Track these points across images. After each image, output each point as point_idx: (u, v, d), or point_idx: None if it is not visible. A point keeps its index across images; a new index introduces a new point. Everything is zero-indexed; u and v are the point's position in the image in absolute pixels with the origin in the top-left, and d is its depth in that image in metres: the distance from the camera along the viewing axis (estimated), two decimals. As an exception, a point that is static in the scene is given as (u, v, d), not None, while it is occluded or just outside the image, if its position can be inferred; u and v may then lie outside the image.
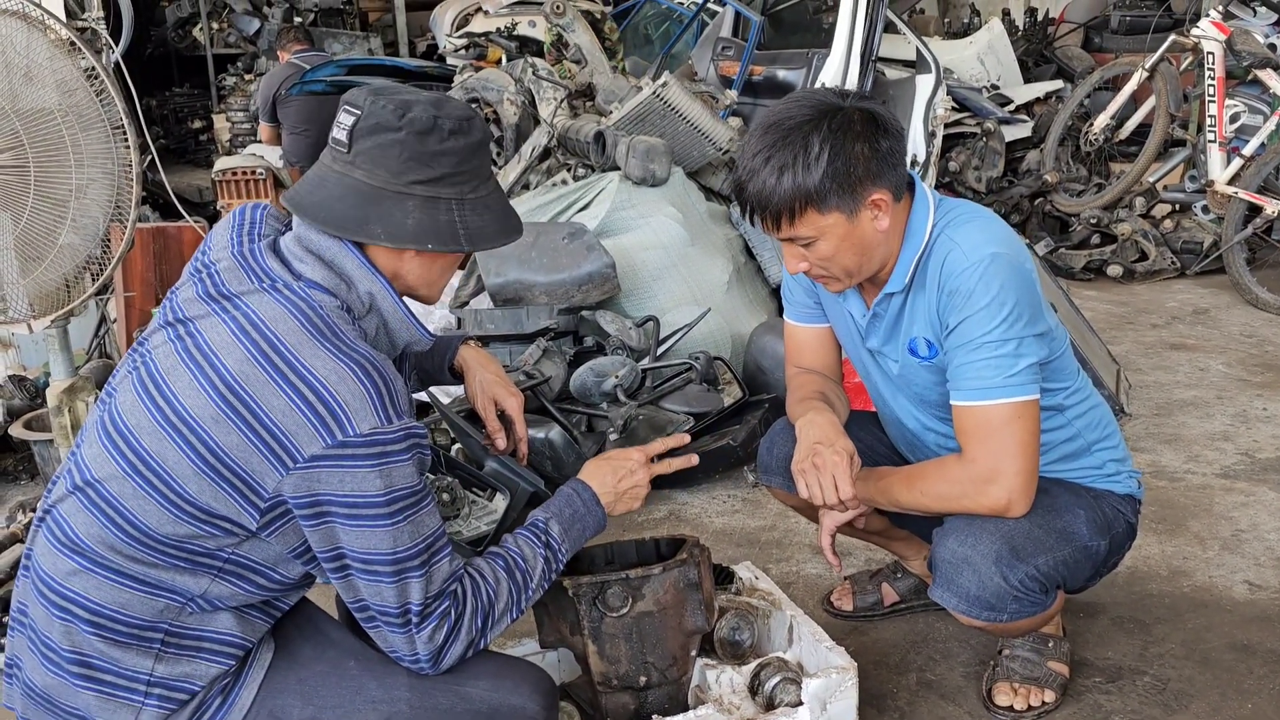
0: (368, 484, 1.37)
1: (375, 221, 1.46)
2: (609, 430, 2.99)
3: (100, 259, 2.89)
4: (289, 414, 1.35)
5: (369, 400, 1.37)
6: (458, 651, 1.48)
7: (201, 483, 1.39)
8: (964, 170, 6.07)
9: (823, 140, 1.69)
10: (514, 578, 1.55)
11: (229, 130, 8.50)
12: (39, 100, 2.69)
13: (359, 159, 1.48)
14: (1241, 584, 2.51)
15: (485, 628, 1.50)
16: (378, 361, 1.41)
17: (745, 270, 3.98)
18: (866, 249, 1.79)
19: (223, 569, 1.45)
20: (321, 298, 1.45)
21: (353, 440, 1.35)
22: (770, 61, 5.47)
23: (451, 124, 1.49)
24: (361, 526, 1.38)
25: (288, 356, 1.38)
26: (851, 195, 1.72)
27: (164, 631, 1.45)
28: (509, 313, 3.34)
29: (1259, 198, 4.99)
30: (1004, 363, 1.75)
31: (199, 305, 1.47)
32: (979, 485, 1.78)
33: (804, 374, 2.12)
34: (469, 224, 1.51)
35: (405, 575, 1.41)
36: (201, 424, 1.38)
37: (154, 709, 1.45)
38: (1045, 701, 2.05)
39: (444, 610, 1.45)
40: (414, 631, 1.44)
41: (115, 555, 1.43)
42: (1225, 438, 3.40)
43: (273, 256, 1.50)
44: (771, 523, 2.91)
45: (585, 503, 1.69)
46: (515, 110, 4.64)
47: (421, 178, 1.47)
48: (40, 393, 3.47)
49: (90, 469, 1.45)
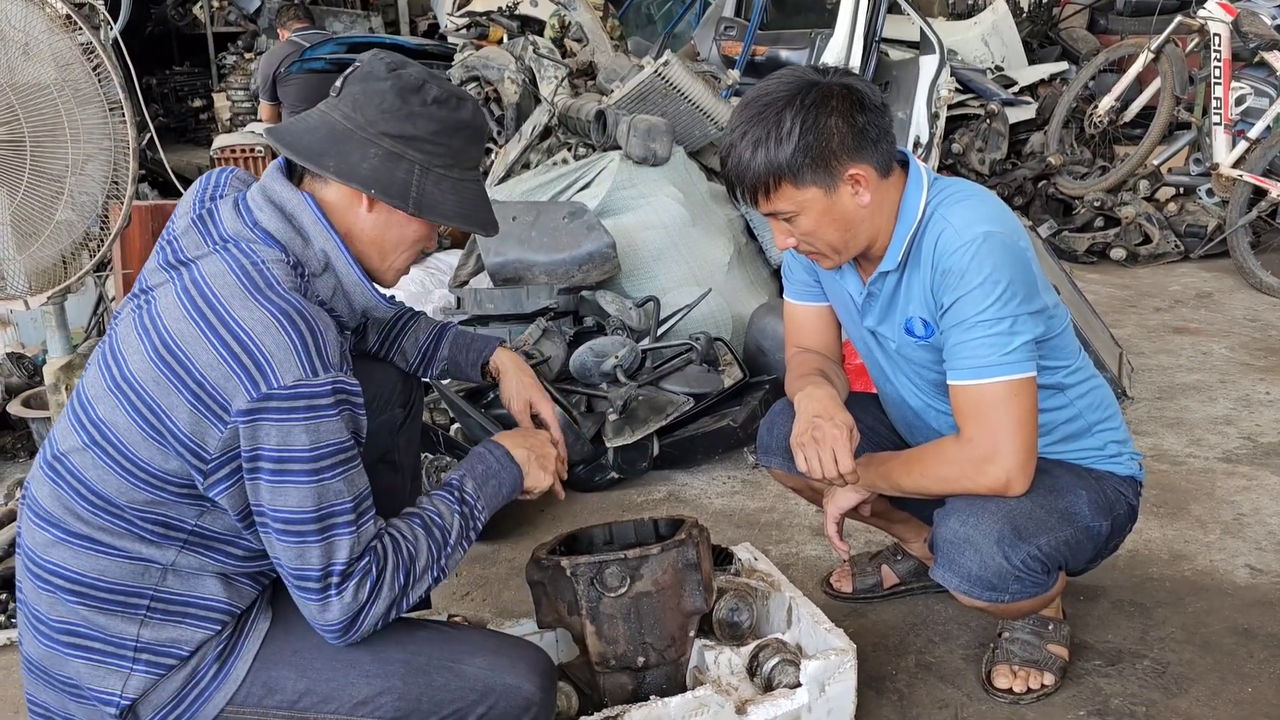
0: (294, 439, 1.34)
1: (332, 156, 1.46)
2: (608, 410, 2.98)
3: (99, 236, 2.88)
4: (216, 366, 1.34)
5: (294, 351, 1.34)
6: (379, 611, 1.44)
7: (151, 447, 1.39)
8: (967, 152, 6.04)
9: (794, 115, 1.70)
10: (432, 535, 1.51)
11: (229, 109, 8.46)
12: (36, 75, 2.67)
13: (343, 101, 1.50)
14: (1243, 568, 2.50)
15: (407, 585, 1.46)
16: (307, 311, 1.39)
17: (746, 251, 3.96)
18: (849, 224, 1.79)
19: (188, 541, 1.46)
20: (266, 251, 1.44)
21: (277, 393, 1.33)
22: (773, 41, 5.45)
23: (439, 93, 1.49)
24: (284, 483, 1.36)
25: (218, 309, 1.37)
26: (827, 169, 1.72)
27: (149, 597, 1.46)
28: (508, 292, 3.32)
29: (1264, 181, 4.97)
30: (999, 341, 1.74)
31: (159, 274, 1.48)
32: (978, 465, 1.77)
33: (803, 353, 2.10)
34: (425, 193, 1.49)
35: (331, 534, 1.38)
36: (144, 386, 1.38)
37: (142, 674, 1.46)
38: (1045, 684, 2.04)
39: (365, 567, 1.42)
40: (331, 595, 1.40)
41: (83, 525, 1.44)
42: (1227, 421, 3.39)
43: (231, 212, 1.49)
44: (771, 504, 2.90)
45: (498, 459, 1.65)
46: (516, 89, 4.61)
47: (392, 131, 1.47)
48: (38, 370, 3.46)
49: (58, 443, 1.48)
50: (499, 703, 1.52)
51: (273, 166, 1.53)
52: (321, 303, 1.50)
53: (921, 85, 5.15)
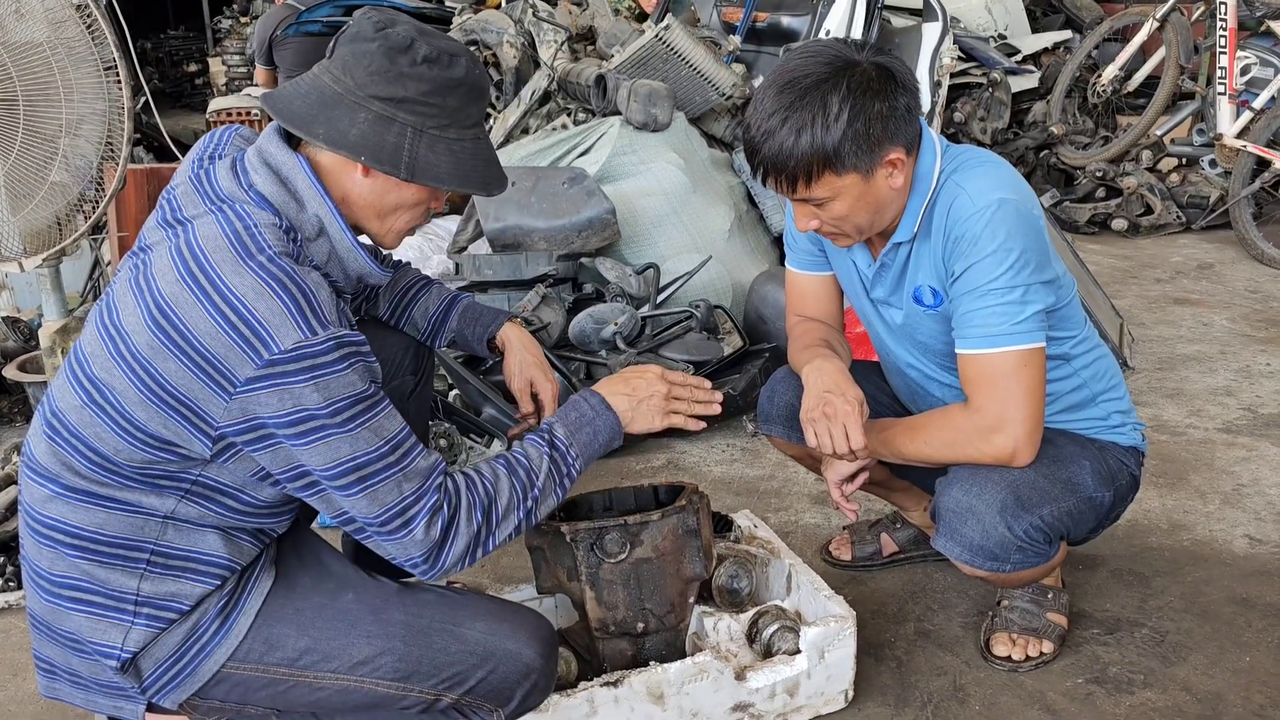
0: (306, 399, 1.33)
1: (321, 123, 1.43)
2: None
3: (94, 199, 2.85)
4: (217, 337, 1.32)
5: (288, 314, 1.33)
6: (460, 547, 1.43)
7: (150, 410, 1.38)
8: (969, 121, 5.98)
9: (842, 100, 1.64)
10: (515, 474, 1.50)
11: (225, 74, 8.39)
12: (28, 34, 2.64)
13: (333, 64, 1.46)
14: (1242, 538, 2.50)
15: (489, 524, 1.45)
16: (296, 274, 1.37)
17: (747, 218, 3.94)
18: (880, 207, 1.76)
19: (190, 490, 1.45)
20: (260, 214, 1.41)
21: (279, 357, 1.31)
22: (775, 7, 5.38)
23: (429, 51, 1.44)
24: (314, 441, 1.35)
25: (212, 276, 1.35)
26: (869, 156, 1.68)
27: (149, 551, 1.46)
28: (508, 258, 3.30)
29: (1268, 152, 4.93)
30: (1010, 310, 1.72)
31: (157, 232, 1.46)
32: (984, 434, 1.76)
33: (806, 322, 2.09)
34: (418, 156, 1.45)
35: (376, 479, 1.38)
36: (141, 351, 1.36)
37: (143, 627, 1.46)
38: (1043, 652, 2.04)
39: (434, 505, 1.41)
40: (404, 534, 1.40)
41: (81, 479, 1.44)
42: (1228, 393, 3.38)
43: (228, 173, 1.47)
44: (770, 472, 2.90)
45: (593, 406, 1.62)
46: (515, 53, 4.56)
47: (382, 94, 1.43)
48: (34, 335, 3.44)
49: (55, 400, 1.48)
50: (499, 667, 1.52)
51: (270, 128, 1.50)
52: (316, 267, 1.47)
53: (924, 53, 5.09)
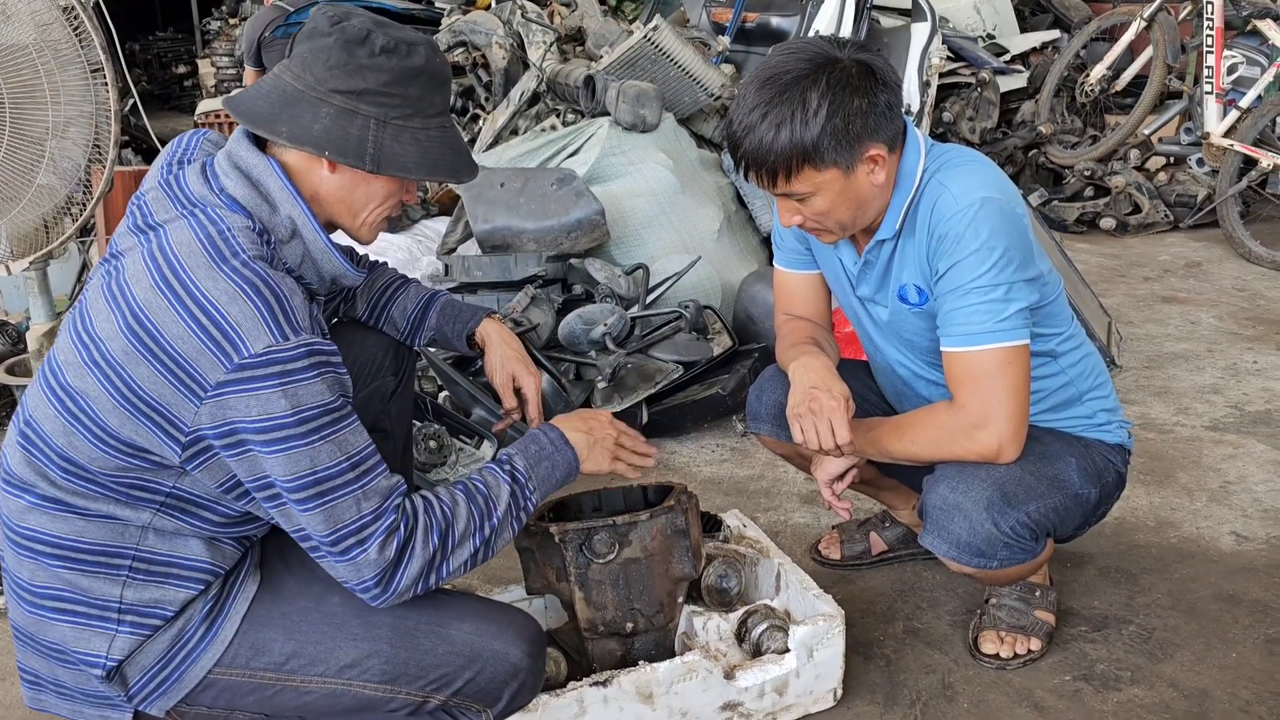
0: (273, 405, 1.32)
1: (284, 121, 1.43)
2: (597, 379, 2.97)
3: (82, 201, 2.84)
4: (188, 340, 1.32)
5: (260, 318, 1.32)
6: (414, 570, 1.41)
7: (122, 417, 1.37)
8: (958, 121, 6.00)
9: (821, 95, 1.65)
10: (474, 501, 1.48)
11: (214, 75, 8.36)
12: (14, 36, 2.63)
13: (293, 62, 1.46)
14: (1228, 535, 2.51)
15: (445, 548, 1.43)
16: (271, 279, 1.37)
17: (736, 219, 3.94)
18: (862, 203, 1.77)
19: (164, 504, 1.45)
20: (232, 218, 1.41)
21: (250, 361, 1.31)
22: (764, 8, 5.39)
23: (386, 42, 1.44)
24: (278, 450, 1.34)
25: (184, 280, 1.35)
26: (849, 151, 1.69)
27: (130, 557, 1.45)
28: (497, 260, 3.30)
29: (1255, 150, 4.95)
30: (994, 308, 1.73)
31: (129, 238, 1.46)
32: (969, 431, 1.77)
33: (794, 320, 2.09)
34: (383, 147, 1.44)
35: (334, 495, 1.36)
36: (115, 357, 1.36)
37: (127, 635, 1.45)
38: (1031, 650, 2.05)
39: (389, 526, 1.39)
40: (358, 553, 1.38)
41: (55, 489, 1.44)
42: (1215, 390, 3.40)
43: (198, 178, 1.46)
44: (760, 472, 2.90)
45: (551, 441, 1.62)
46: (504, 54, 4.56)
47: (342, 87, 1.43)
48: (21, 337, 3.43)
49: (29, 409, 1.47)
50: (486, 668, 1.52)
51: (239, 131, 1.49)
52: (290, 270, 1.47)
53: (913, 53, 5.10)
